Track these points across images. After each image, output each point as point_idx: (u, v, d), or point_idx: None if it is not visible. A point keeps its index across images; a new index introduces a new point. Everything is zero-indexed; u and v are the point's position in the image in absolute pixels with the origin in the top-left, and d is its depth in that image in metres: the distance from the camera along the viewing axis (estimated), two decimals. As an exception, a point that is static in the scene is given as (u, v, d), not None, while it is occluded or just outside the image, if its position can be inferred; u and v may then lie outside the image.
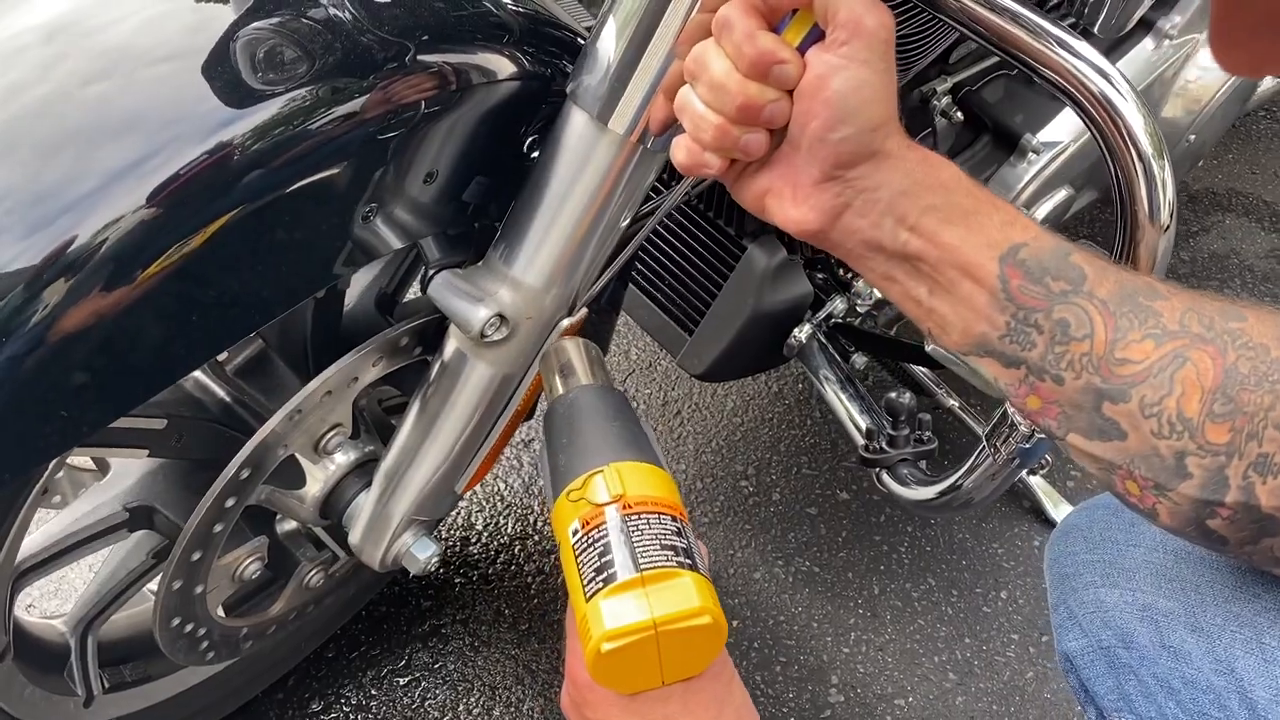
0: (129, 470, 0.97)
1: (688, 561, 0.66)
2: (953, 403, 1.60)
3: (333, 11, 0.79)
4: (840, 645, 1.41)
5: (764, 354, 1.46)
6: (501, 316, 0.85)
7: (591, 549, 0.66)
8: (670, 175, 1.13)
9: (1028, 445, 0.94)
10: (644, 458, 0.72)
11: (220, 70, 0.72)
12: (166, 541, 0.99)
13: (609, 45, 0.77)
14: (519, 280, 0.85)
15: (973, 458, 1.02)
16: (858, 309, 1.42)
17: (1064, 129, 1.48)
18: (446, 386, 0.91)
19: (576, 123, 0.80)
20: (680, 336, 1.42)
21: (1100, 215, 2.17)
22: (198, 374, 0.96)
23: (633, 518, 0.67)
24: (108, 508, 0.94)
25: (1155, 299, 0.61)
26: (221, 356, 0.98)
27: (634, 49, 0.75)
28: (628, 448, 0.72)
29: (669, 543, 0.66)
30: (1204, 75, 1.65)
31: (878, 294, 1.40)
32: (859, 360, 1.49)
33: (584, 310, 0.89)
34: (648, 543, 0.66)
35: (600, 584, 0.65)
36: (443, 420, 0.93)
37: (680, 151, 0.67)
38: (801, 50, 0.62)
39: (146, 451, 0.89)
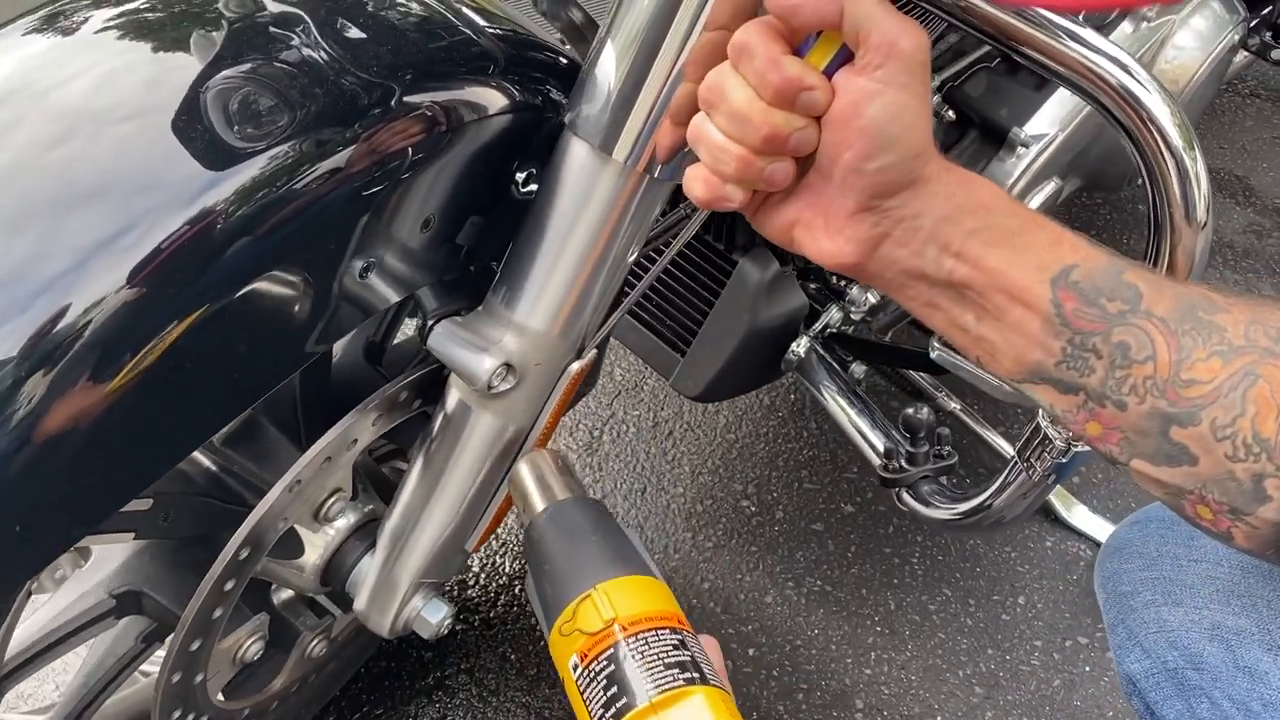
0: (112, 554, 0.90)
1: (696, 675, 0.62)
2: (954, 406, 1.56)
3: (306, 52, 0.73)
4: (862, 666, 1.37)
5: (761, 371, 1.42)
6: (508, 365, 0.80)
7: (595, 684, 0.62)
8: (674, 205, 1.08)
9: (1064, 460, 0.90)
10: (629, 569, 0.68)
11: (192, 126, 0.66)
12: (155, 624, 0.93)
13: (608, 70, 0.72)
14: (524, 325, 0.80)
15: (1004, 474, 0.98)
16: (852, 317, 1.38)
17: (1049, 119, 1.45)
18: (451, 441, 0.86)
19: (577, 154, 0.75)
20: (672, 358, 1.38)
21: (1077, 201, 2.15)
22: (181, 444, 0.90)
23: (631, 640, 0.63)
24: (93, 596, 0.88)
25: (1216, 312, 0.57)
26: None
27: (636, 73, 0.71)
28: (611, 563, 0.68)
29: (673, 659, 0.62)
30: (1181, 55, 1.62)
31: (872, 300, 1.37)
32: (857, 369, 1.45)
33: (593, 352, 0.84)
34: (651, 664, 0.62)
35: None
36: (448, 477, 0.87)
37: (697, 185, 0.62)
38: (828, 74, 0.57)
39: (133, 535, 0.82)
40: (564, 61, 0.85)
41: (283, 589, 1.00)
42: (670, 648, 0.63)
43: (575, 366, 0.83)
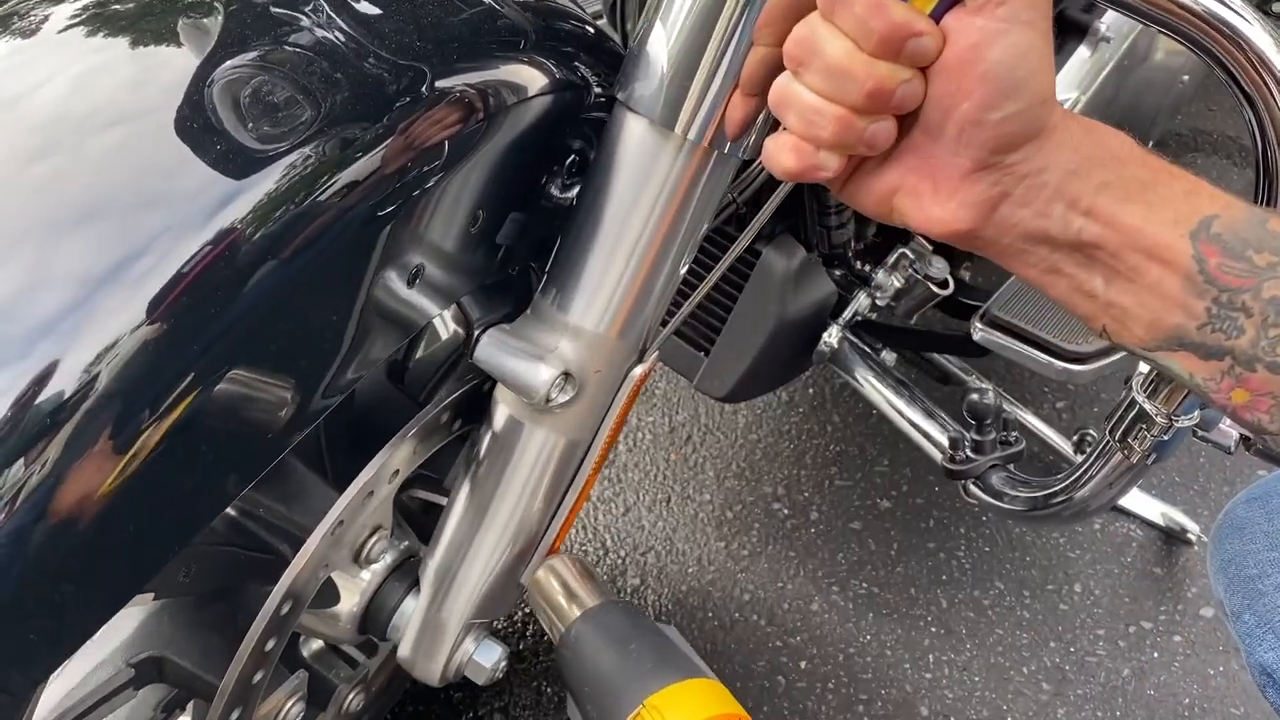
0: (127, 616, 0.80)
1: None
2: (986, 386, 1.49)
3: (320, 34, 0.64)
4: (921, 671, 1.29)
5: (790, 365, 1.34)
6: (566, 374, 0.71)
7: None
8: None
9: (1166, 437, 0.83)
10: (679, 674, 0.63)
11: (195, 128, 0.56)
12: (176, 691, 0.83)
13: (667, 34, 0.63)
14: (580, 327, 0.71)
15: (1089, 458, 0.90)
16: (878, 303, 1.31)
17: (1069, 83, 1.39)
18: (501, 463, 0.77)
19: (634, 131, 0.66)
20: (695, 359, 1.30)
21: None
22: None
23: None
24: (109, 666, 0.78)
25: None
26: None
27: (697, 38, 0.62)
28: (658, 670, 0.62)
29: None
30: (1188, 12, 1.57)
31: (897, 284, 1.30)
32: (888, 357, 1.38)
33: (655, 355, 0.75)
34: None
35: None
36: (499, 503, 0.79)
37: (786, 155, 0.55)
38: (935, 17, 0.51)
39: (152, 595, 0.73)
40: (591, 31, 0.76)
41: (311, 640, 0.91)
42: None
43: (639, 370, 0.74)
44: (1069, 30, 1.40)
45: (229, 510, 0.79)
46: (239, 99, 0.59)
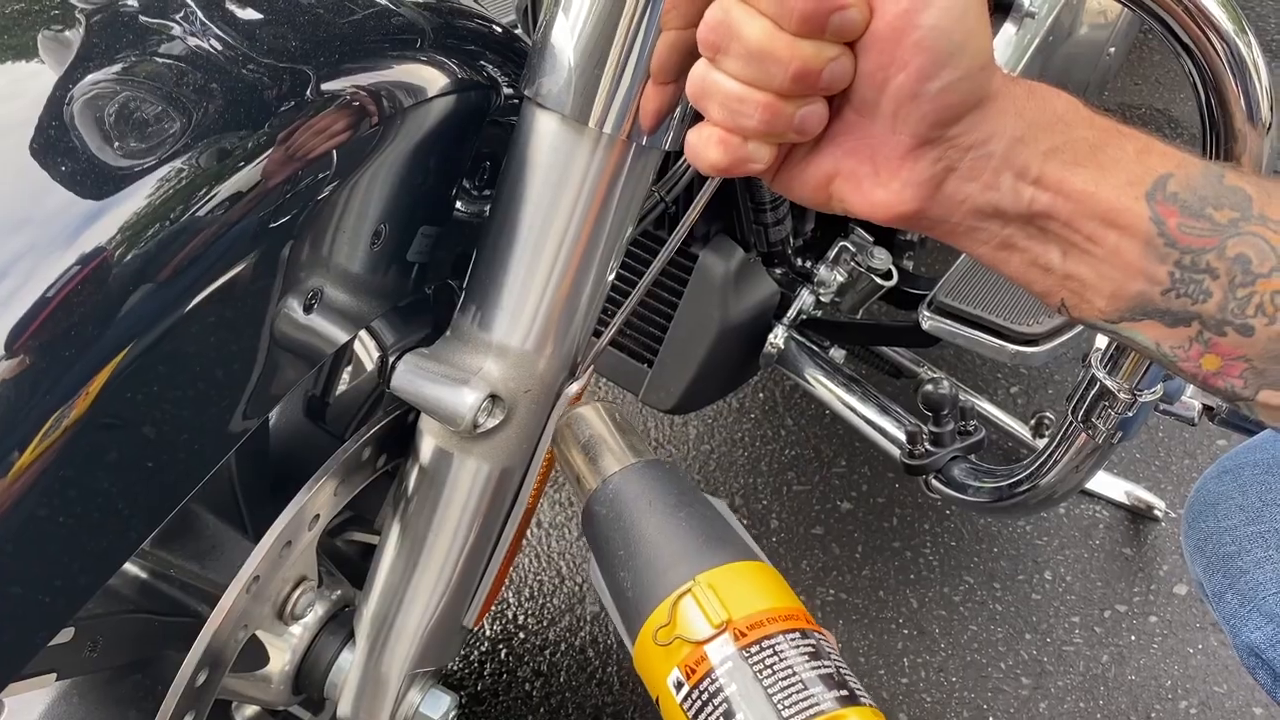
0: (30, 702, 0.73)
1: (843, 693, 0.49)
2: (939, 377, 1.46)
3: (193, 42, 0.58)
4: (897, 676, 1.25)
5: (737, 370, 1.30)
6: (493, 397, 0.66)
7: (712, 709, 0.49)
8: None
9: (1131, 414, 0.79)
10: (735, 554, 0.55)
11: (57, 146, 0.51)
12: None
13: (572, 22, 0.59)
14: (505, 346, 0.66)
15: (1053, 441, 0.86)
16: (822, 299, 1.27)
17: (997, 59, 1.36)
18: (432, 498, 0.71)
19: (545, 128, 0.62)
20: (639, 371, 1.25)
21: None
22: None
23: (753, 650, 0.50)
24: (14, 758, 0.71)
25: None
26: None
27: (604, 24, 0.58)
28: (711, 545, 0.55)
29: (811, 672, 0.49)
30: (1111, -21, 1.56)
31: (840, 279, 1.26)
32: (836, 354, 1.34)
33: (590, 369, 0.70)
34: (785, 682, 0.49)
35: None
36: (433, 542, 0.73)
37: (712, 149, 0.51)
38: None
39: (54, 675, 0.66)
40: (498, 30, 0.71)
41: (245, 706, 0.84)
42: (805, 657, 0.50)
43: (573, 388, 0.69)
44: (993, 8, 1.37)
45: (138, 573, 0.73)
46: (102, 114, 0.53)
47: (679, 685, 0.51)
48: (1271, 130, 0.69)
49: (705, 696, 0.49)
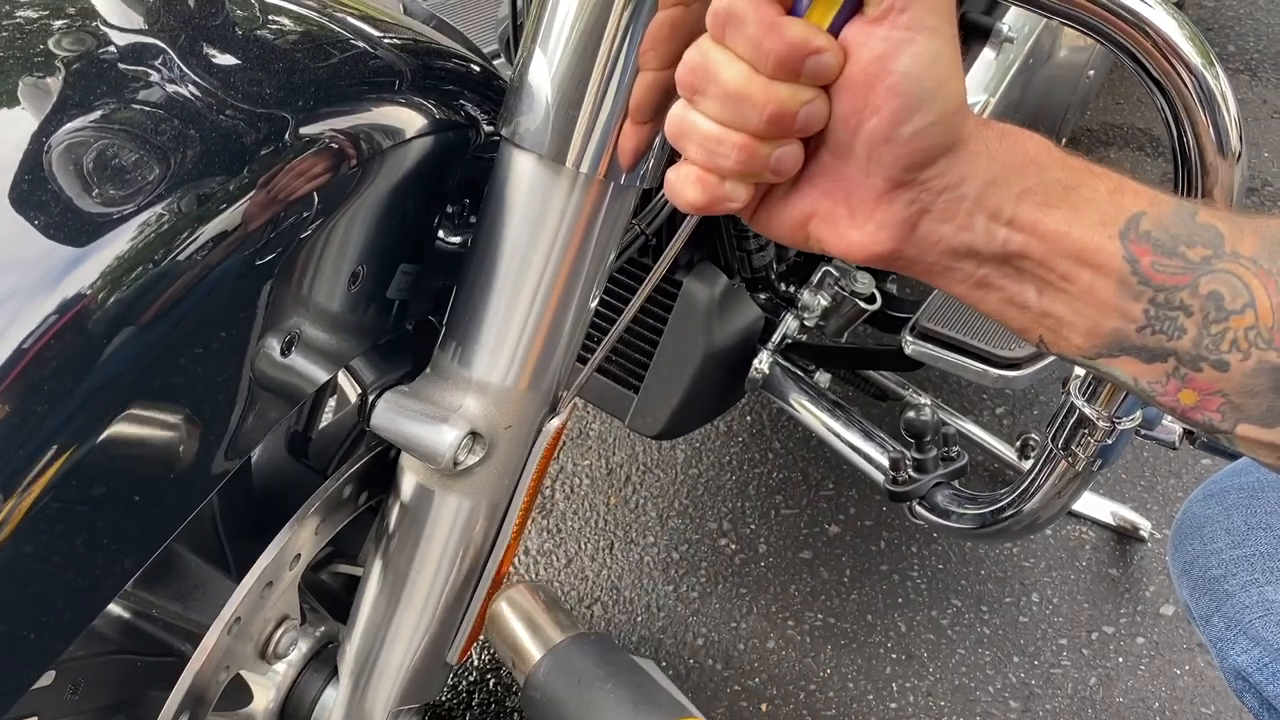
0: (14, 743, 0.73)
1: None
2: (923, 401, 1.47)
3: (171, 89, 0.58)
4: (885, 701, 1.25)
5: (723, 395, 1.30)
6: (474, 434, 0.66)
7: None
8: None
9: (1110, 441, 0.79)
10: (661, 716, 0.59)
11: (36, 194, 0.51)
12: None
13: (549, 63, 0.59)
14: (485, 382, 0.66)
15: (1034, 468, 0.87)
16: (806, 324, 1.27)
17: (977, 85, 1.37)
18: (414, 535, 0.71)
19: (523, 168, 0.62)
20: (625, 397, 1.25)
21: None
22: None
23: None
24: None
25: None
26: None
27: (580, 65, 0.58)
28: (638, 713, 0.59)
29: None
30: (1089, 7, 1.57)
31: (824, 304, 1.26)
32: (822, 378, 1.35)
33: (572, 405, 0.70)
34: None
35: None
36: (415, 579, 0.73)
37: (689, 188, 0.51)
38: (834, 31, 0.48)
39: (35, 719, 0.66)
40: (477, 69, 0.72)
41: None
42: None
43: (554, 423, 0.69)
44: (972, 33, 1.39)
45: (119, 613, 0.73)
46: (81, 162, 0.54)
47: None
48: (1241, 160, 0.70)
49: None
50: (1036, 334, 0.53)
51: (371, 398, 0.66)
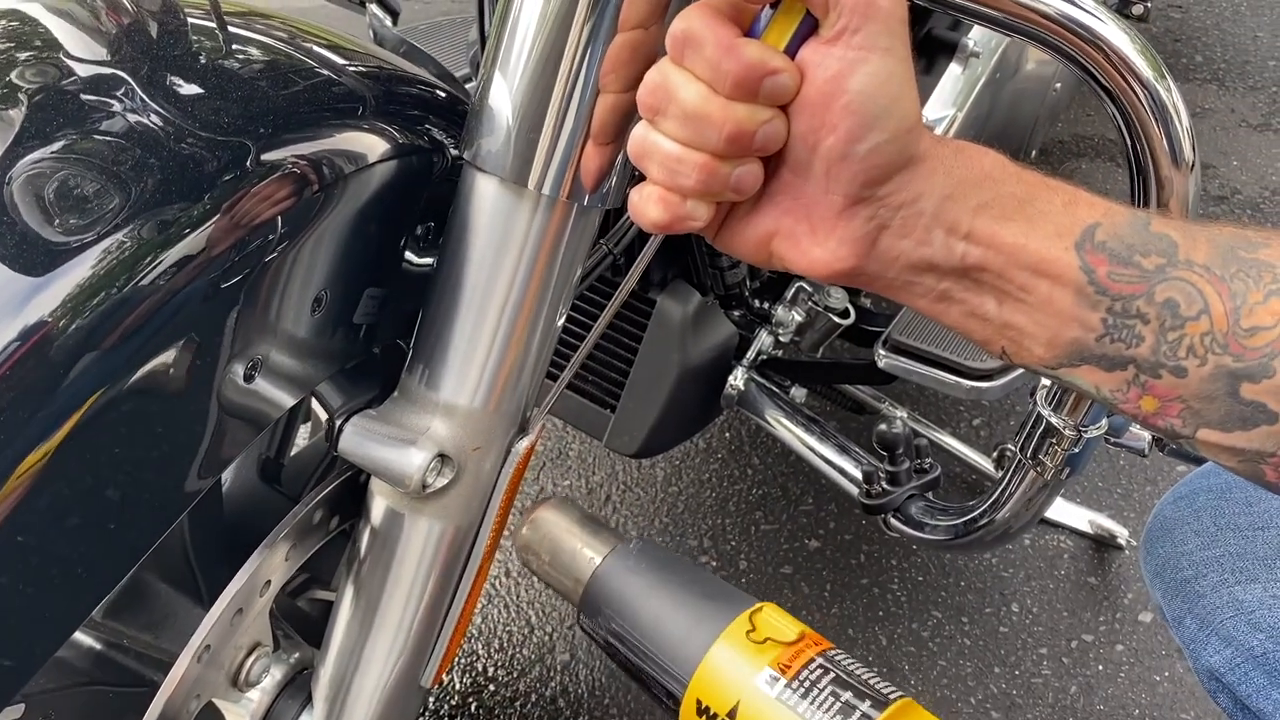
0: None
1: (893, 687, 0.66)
2: (900, 414, 1.48)
3: (133, 118, 0.58)
4: (867, 714, 1.25)
5: (699, 412, 1.30)
6: (442, 456, 0.66)
7: (817, 690, 0.62)
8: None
9: (1077, 450, 0.80)
10: (745, 602, 0.67)
11: (-2, 225, 0.52)
12: None
13: (509, 85, 0.60)
14: (452, 405, 0.66)
15: (1004, 478, 0.87)
16: (780, 339, 1.28)
17: (945, 100, 1.39)
18: (385, 559, 0.71)
19: (485, 191, 0.62)
20: (602, 416, 1.26)
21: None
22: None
23: (833, 652, 0.65)
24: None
25: (1257, 249, 0.51)
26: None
27: (540, 87, 0.59)
28: (724, 599, 0.67)
29: (870, 675, 0.66)
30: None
31: (798, 319, 1.27)
32: (798, 393, 1.35)
33: (542, 424, 0.71)
34: (865, 673, 0.65)
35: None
36: (387, 603, 0.73)
37: (651, 207, 0.52)
38: (790, 53, 0.49)
39: (2, 754, 0.65)
40: (442, 94, 0.72)
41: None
42: (859, 663, 0.66)
43: (523, 444, 0.69)
44: (938, 49, 1.40)
45: (89, 643, 0.72)
46: (43, 192, 0.54)
47: (774, 680, 0.61)
48: (1194, 169, 0.71)
49: (808, 681, 0.61)
50: (999, 345, 0.54)
51: (339, 422, 0.66)
